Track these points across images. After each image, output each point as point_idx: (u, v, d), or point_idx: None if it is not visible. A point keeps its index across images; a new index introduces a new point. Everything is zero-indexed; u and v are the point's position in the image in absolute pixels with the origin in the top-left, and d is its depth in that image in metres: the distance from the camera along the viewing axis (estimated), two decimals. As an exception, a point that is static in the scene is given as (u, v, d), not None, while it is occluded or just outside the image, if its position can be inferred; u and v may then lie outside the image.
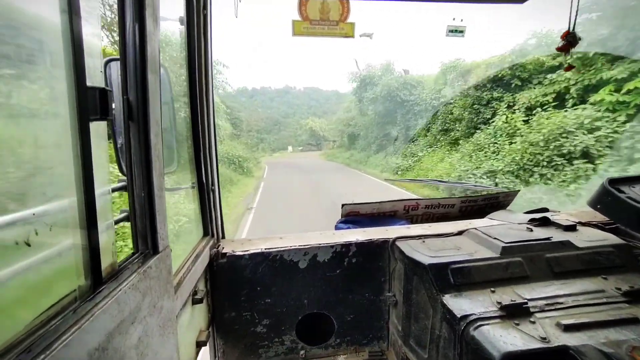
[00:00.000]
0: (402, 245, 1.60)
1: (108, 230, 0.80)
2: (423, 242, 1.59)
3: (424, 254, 1.44)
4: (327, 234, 1.83)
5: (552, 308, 1.13)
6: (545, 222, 1.69)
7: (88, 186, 0.68)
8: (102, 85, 0.75)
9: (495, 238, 1.48)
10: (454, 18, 2.28)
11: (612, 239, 1.48)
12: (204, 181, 1.66)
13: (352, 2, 1.68)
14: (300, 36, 1.78)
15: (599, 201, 1.55)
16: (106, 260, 0.77)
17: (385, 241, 1.71)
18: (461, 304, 1.18)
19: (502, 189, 2.82)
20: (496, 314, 1.11)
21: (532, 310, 1.12)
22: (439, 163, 14.97)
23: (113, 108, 0.88)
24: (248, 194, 14.66)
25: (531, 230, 1.59)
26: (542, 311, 1.12)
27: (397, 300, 1.64)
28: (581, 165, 8.63)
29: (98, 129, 0.73)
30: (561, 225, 1.62)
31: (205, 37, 1.54)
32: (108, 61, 0.97)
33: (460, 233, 1.72)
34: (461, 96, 16.71)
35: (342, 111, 40.94)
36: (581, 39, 1.74)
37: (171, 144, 1.42)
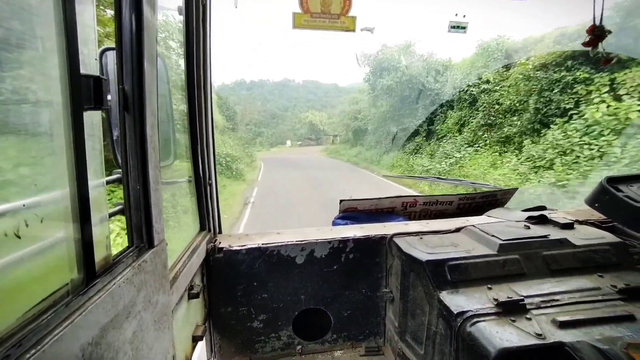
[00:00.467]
0: (400, 241, 1.59)
1: (102, 223, 0.78)
2: (420, 239, 1.59)
3: (422, 251, 1.44)
4: (325, 230, 1.82)
5: (548, 305, 1.13)
6: (542, 220, 1.70)
7: (81, 178, 0.66)
8: (97, 74, 0.73)
9: (492, 235, 1.48)
10: (457, 14, 2.26)
11: (609, 237, 1.48)
12: (201, 175, 1.64)
13: (354, -4, 1.66)
14: (300, 29, 1.75)
15: (597, 199, 1.55)
16: (100, 253, 0.76)
17: (382, 237, 1.71)
18: (458, 301, 1.19)
19: (500, 187, 2.83)
20: (492, 311, 1.11)
21: (529, 307, 1.12)
22: (491, 169, 11.59)
23: (109, 99, 0.86)
24: (232, 213, 10.13)
25: (528, 228, 1.59)
26: (538, 308, 1.12)
27: (394, 296, 1.64)
28: None
29: (92, 119, 0.71)
30: (558, 223, 1.62)
31: (204, 28, 1.51)
32: (104, 50, 0.94)
33: (457, 230, 1.72)
34: (515, 81, 12.67)
35: (348, 103, 37.47)
36: (610, 32, 1.60)
37: (168, 137, 1.40)
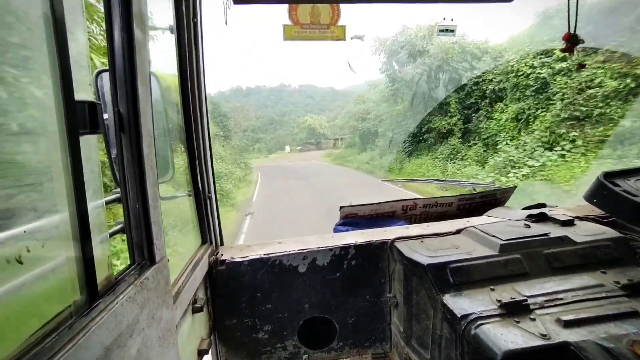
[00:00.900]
0: (401, 246, 1.60)
1: (102, 243, 0.79)
2: (422, 242, 1.59)
3: (423, 254, 1.44)
4: (326, 237, 1.83)
5: (552, 304, 1.13)
6: (542, 218, 1.70)
7: (80, 200, 0.67)
8: (92, 97, 0.74)
9: (493, 236, 1.48)
10: (444, 18, 2.30)
11: (610, 233, 1.48)
12: (200, 189, 1.66)
13: (342, 6, 1.69)
14: (291, 40, 1.79)
15: (595, 195, 1.56)
16: (102, 273, 0.76)
17: (384, 242, 1.71)
18: (461, 304, 1.18)
19: (499, 186, 2.83)
20: (496, 312, 1.11)
21: (532, 307, 1.12)
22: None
23: (106, 119, 0.87)
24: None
25: (529, 226, 1.59)
26: (542, 308, 1.12)
27: (398, 301, 1.64)
28: None
29: (89, 142, 0.73)
30: (559, 220, 1.62)
31: (196, 45, 1.54)
32: (99, 72, 0.97)
33: (458, 232, 1.72)
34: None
35: (353, 102, 33.96)
36: (583, 41, 1.75)
37: (165, 153, 1.42)
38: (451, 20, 2.13)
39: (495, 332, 1.03)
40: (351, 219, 2.28)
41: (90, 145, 0.73)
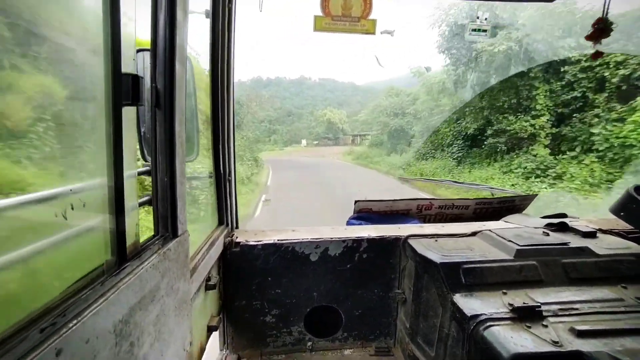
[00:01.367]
0: (414, 243, 1.60)
1: (132, 211, 0.84)
2: (436, 241, 1.59)
3: (436, 253, 1.44)
4: (339, 229, 1.85)
5: (566, 313, 1.11)
6: (563, 228, 1.66)
7: (118, 169, 0.72)
8: (135, 72, 0.78)
9: (509, 240, 1.46)
10: (478, 17, 2.25)
11: (635, 248, 1.43)
12: (221, 171, 1.70)
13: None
14: (321, 32, 1.79)
15: (623, 208, 1.50)
16: (130, 239, 0.81)
17: (397, 238, 1.72)
18: (472, 304, 1.18)
19: (519, 193, 2.76)
20: (507, 316, 1.10)
21: (545, 314, 1.10)
22: None
23: None
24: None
25: (548, 234, 1.56)
26: (556, 315, 1.10)
27: (406, 297, 1.64)
28: None
29: (129, 114, 0.77)
30: (580, 231, 1.58)
31: (229, 31, 1.58)
32: (138, 51, 1.01)
33: (474, 234, 1.70)
34: None
35: (384, 95, 29.22)
36: (615, 26, 1.58)
37: (192, 134, 1.46)
38: (485, 19, 2.08)
39: (504, 335, 1.02)
40: (365, 214, 2.29)
41: (129, 117, 0.77)
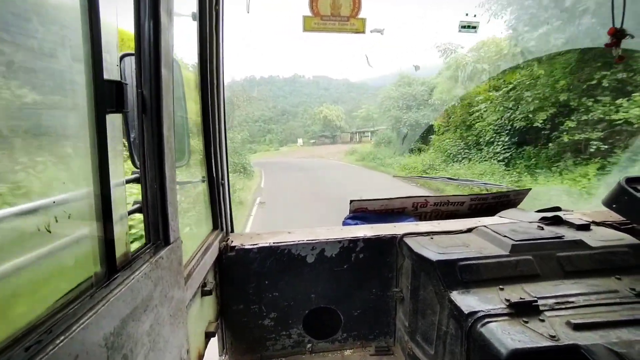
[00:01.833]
0: (410, 241, 1.59)
1: (122, 220, 0.82)
2: (431, 239, 1.59)
3: (432, 251, 1.44)
4: (335, 230, 1.84)
5: (563, 307, 1.11)
6: (557, 221, 1.67)
7: (104, 177, 0.70)
8: (118, 79, 0.77)
9: (505, 236, 1.47)
10: (467, 13, 2.25)
11: (628, 239, 1.45)
12: (214, 175, 1.68)
13: (364, -2, 1.67)
14: (310, 32, 1.78)
15: (615, 200, 1.51)
16: (120, 249, 0.79)
17: (393, 237, 1.71)
18: (469, 301, 1.18)
19: (513, 188, 2.78)
20: (504, 311, 1.10)
21: (542, 308, 1.10)
22: None
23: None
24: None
25: (542, 228, 1.57)
26: (552, 310, 1.11)
27: (404, 296, 1.64)
28: None
29: (114, 122, 0.75)
30: (574, 224, 1.59)
31: (217, 33, 1.56)
32: (123, 56, 0.99)
33: (469, 230, 1.71)
34: None
35: (394, 86, 24.83)
36: (632, 36, 1.73)
37: (182, 138, 1.44)
38: (474, 16, 2.08)
39: (502, 331, 1.02)
40: (360, 213, 2.29)
41: (114, 124, 0.76)
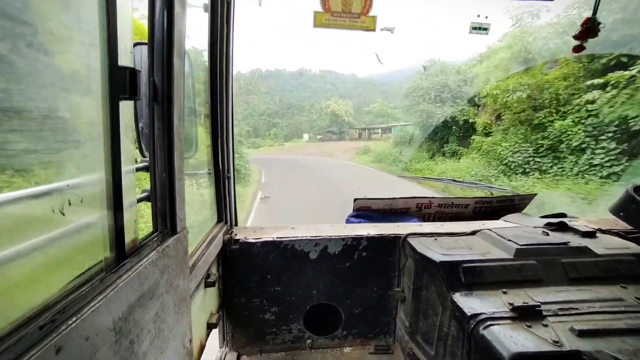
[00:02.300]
0: (414, 241, 1.59)
1: (131, 207, 0.83)
2: (435, 240, 1.59)
3: (436, 252, 1.44)
4: (339, 227, 1.84)
5: (567, 313, 1.11)
6: (562, 228, 1.66)
7: (115, 164, 0.70)
8: (132, 66, 0.77)
9: (509, 240, 1.46)
10: (479, 15, 2.23)
11: (634, 248, 1.43)
12: (220, 168, 1.69)
13: (376, -5, 1.66)
14: (321, 28, 1.78)
15: (622, 208, 1.50)
16: (128, 236, 0.80)
17: (396, 237, 1.71)
18: (471, 303, 1.18)
19: (518, 192, 2.77)
20: (507, 315, 1.10)
21: (545, 313, 1.10)
22: None
23: None
24: None
25: (547, 234, 1.56)
26: (556, 315, 1.10)
27: (406, 296, 1.64)
28: None
29: (126, 109, 0.76)
30: (579, 231, 1.58)
31: (227, 25, 1.56)
32: (136, 44, 1.00)
33: (473, 233, 1.70)
34: None
35: (423, 76, 21.35)
36: (603, 26, 1.61)
37: (190, 130, 1.45)
38: (485, 17, 2.07)
39: (504, 334, 1.02)
40: (364, 212, 2.29)
41: (127, 111, 0.76)
